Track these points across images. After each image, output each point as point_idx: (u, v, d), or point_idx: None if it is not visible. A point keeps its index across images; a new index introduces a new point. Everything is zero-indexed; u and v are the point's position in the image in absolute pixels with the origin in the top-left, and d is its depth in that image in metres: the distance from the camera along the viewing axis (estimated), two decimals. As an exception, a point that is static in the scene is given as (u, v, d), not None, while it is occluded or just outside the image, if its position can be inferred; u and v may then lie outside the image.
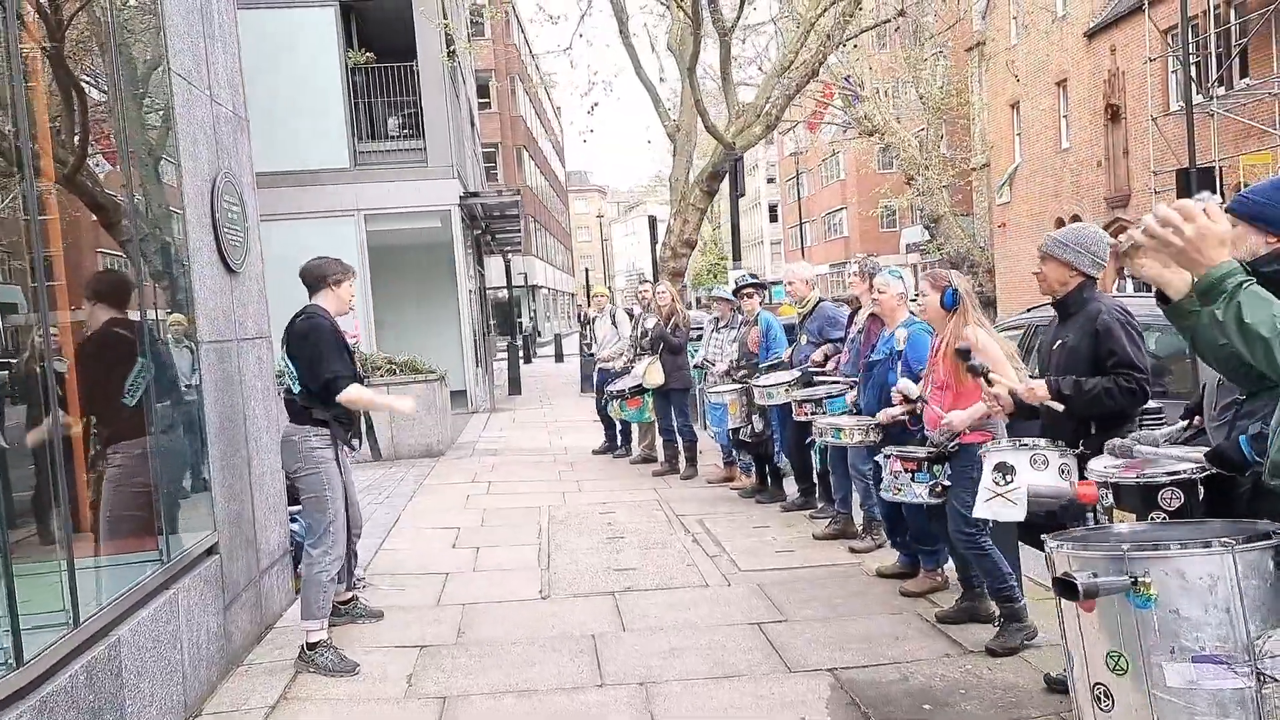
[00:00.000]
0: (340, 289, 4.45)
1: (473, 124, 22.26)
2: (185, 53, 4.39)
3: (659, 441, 9.28)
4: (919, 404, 4.28)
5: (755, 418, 7.10)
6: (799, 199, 37.53)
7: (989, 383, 3.51)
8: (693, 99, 14.27)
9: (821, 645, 4.29)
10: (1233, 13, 18.99)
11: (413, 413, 4.98)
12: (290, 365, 4.31)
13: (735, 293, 7.40)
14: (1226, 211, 2.79)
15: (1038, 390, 3.34)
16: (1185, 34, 15.92)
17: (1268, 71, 18.15)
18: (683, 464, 8.69)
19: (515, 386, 19.12)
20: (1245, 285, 1.80)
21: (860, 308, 5.86)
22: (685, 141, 16.50)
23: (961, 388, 4.03)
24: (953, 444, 4.04)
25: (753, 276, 7.54)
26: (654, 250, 16.66)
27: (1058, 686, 3.61)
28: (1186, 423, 3.12)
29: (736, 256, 12.59)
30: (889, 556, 5.44)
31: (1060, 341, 3.48)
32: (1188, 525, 2.42)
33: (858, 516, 6.04)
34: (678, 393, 8.58)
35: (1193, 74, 17.08)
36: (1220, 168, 17.07)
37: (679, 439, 8.72)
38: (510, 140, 43.69)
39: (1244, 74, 19.15)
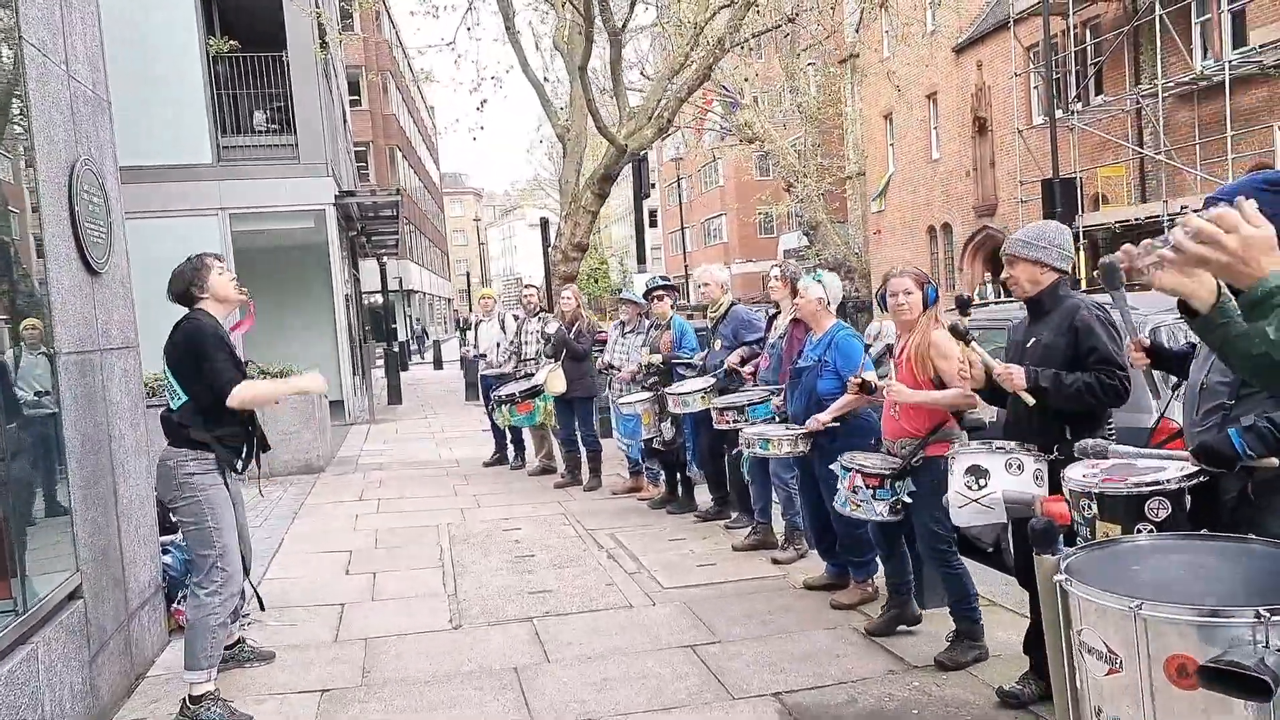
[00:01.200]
0: (212, 287, 3.90)
1: (345, 121, 21.29)
2: (40, 21, 3.80)
3: (558, 451, 8.95)
4: (890, 404, 4.11)
5: (666, 425, 6.88)
6: (680, 204, 37.72)
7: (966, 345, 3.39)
8: (584, 99, 13.98)
9: (761, 667, 4.07)
10: (1088, 33, 20.18)
11: (323, 390, 4.48)
12: (171, 378, 3.77)
13: (646, 295, 7.16)
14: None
15: (1015, 377, 3.20)
16: (1047, 52, 16.75)
17: (1121, 89, 19.36)
18: (586, 475, 8.38)
19: (395, 396, 18.32)
20: None
21: (780, 312, 5.72)
22: (575, 143, 16.22)
23: (921, 387, 3.89)
24: (917, 458, 3.89)
25: (664, 279, 7.32)
26: (546, 254, 16.27)
27: (1010, 701, 3.52)
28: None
29: (641, 260, 12.37)
30: (813, 567, 5.31)
31: (1034, 339, 3.37)
32: (1217, 549, 2.10)
33: (778, 525, 5.88)
34: (582, 401, 8.27)
35: (1054, 90, 18.00)
36: (1080, 179, 18.05)
37: (582, 449, 8.41)
38: (382, 139, 42.31)
39: (1099, 91, 20.38)
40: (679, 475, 7.19)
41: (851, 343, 4.74)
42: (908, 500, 3.91)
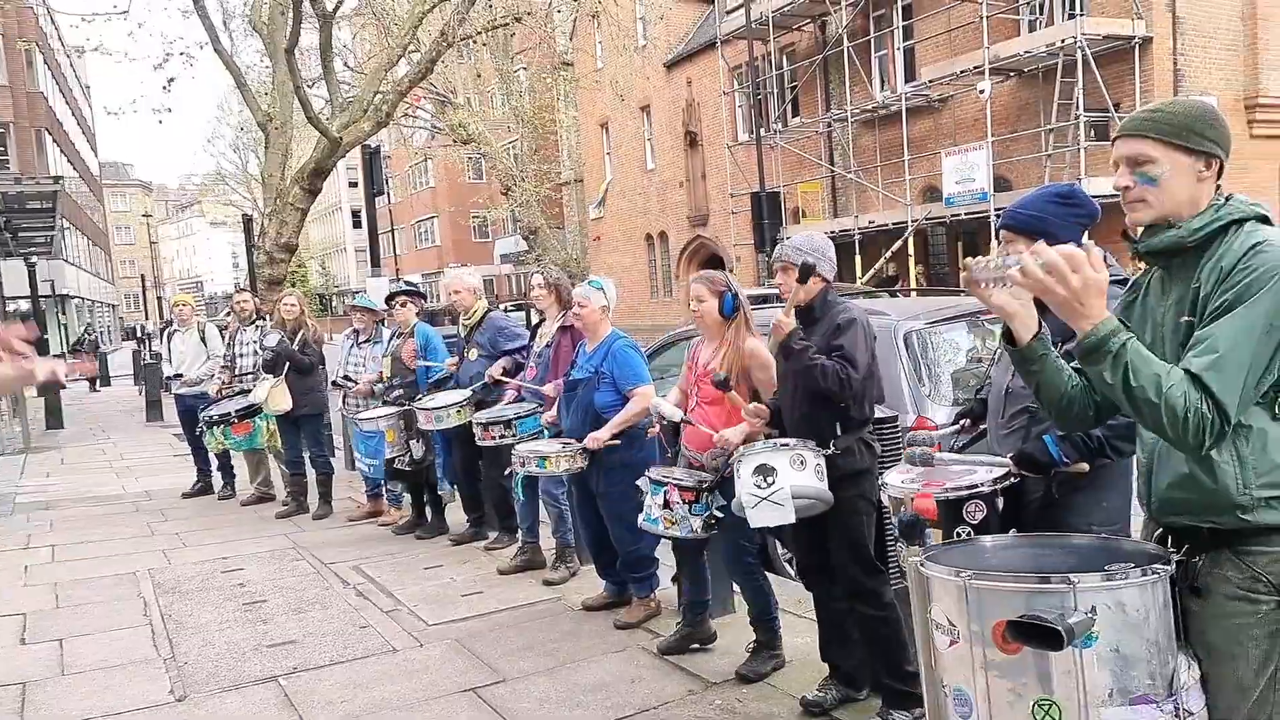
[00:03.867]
0: None
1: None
2: None
3: (278, 476, 8.00)
4: (682, 423, 3.92)
5: (414, 443, 6.32)
6: (388, 205, 36.14)
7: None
8: (292, 85, 12.80)
9: (556, 704, 3.75)
10: (785, 59, 21.90)
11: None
12: None
13: (388, 300, 6.53)
14: (1002, 228, 2.82)
15: (784, 323, 3.22)
16: (751, 74, 17.92)
17: (815, 113, 21.19)
18: (314, 501, 7.54)
19: (55, 419, 15.52)
20: (1128, 343, 1.74)
21: (545, 320, 5.42)
22: (280, 134, 14.80)
23: (735, 405, 3.76)
24: (728, 468, 3.74)
25: (408, 284, 6.72)
26: (249, 255, 14.72)
27: (814, 709, 3.51)
28: (959, 426, 3.14)
29: (375, 263, 11.46)
30: (589, 586, 5.06)
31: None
32: (1042, 543, 2.26)
33: (545, 543, 5.56)
34: (310, 419, 7.43)
35: (758, 109, 19.32)
36: (783, 193, 19.51)
37: (309, 472, 7.56)
38: (27, 120, 36.43)
39: (796, 113, 22.19)
40: (427, 496, 6.65)
41: (629, 353, 4.54)
42: (719, 514, 3.77)
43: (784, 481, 3.15)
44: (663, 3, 20.88)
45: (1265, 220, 1.87)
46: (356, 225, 60.71)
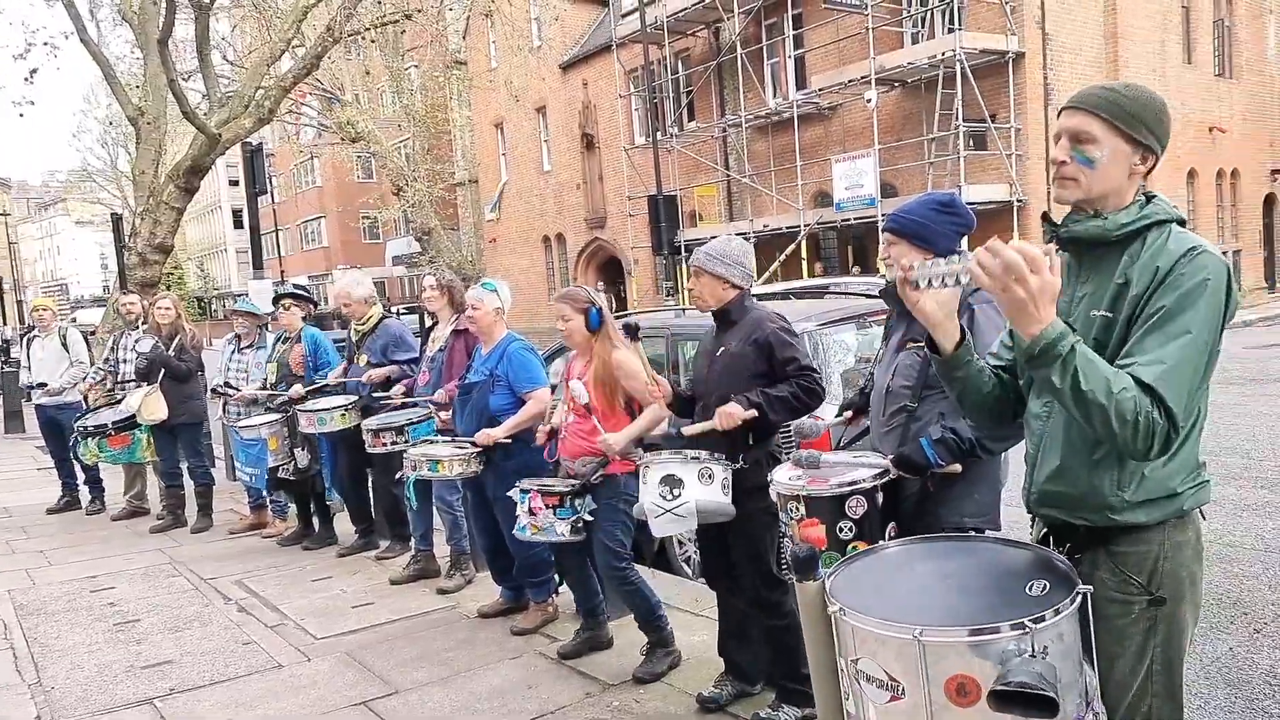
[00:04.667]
0: None
1: None
2: None
3: (154, 489, 7.59)
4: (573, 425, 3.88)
5: (299, 450, 6.09)
6: (272, 205, 34.82)
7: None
8: (165, 79, 12.18)
9: (451, 714, 3.67)
10: (680, 64, 22.11)
11: None
12: None
13: (275, 303, 6.27)
14: (886, 230, 2.91)
15: (735, 414, 3.19)
16: (647, 78, 18.03)
17: (710, 118, 21.47)
18: (193, 514, 7.18)
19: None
20: (1076, 346, 1.68)
21: (438, 323, 5.30)
22: (153, 129, 14.05)
23: (612, 412, 3.74)
24: (598, 475, 3.72)
25: (296, 286, 6.47)
26: (120, 256, 13.96)
27: (710, 705, 3.54)
28: (844, 418, 3.21)
29: (258, 264, 10.96)
30: (485, 593, 4.98)
31: (723, 349, 3.41)
32: (946, 549, 2.13)
33: (439, 551, 5.44)
34: (187, 428, 7.07)
35: (654, 112, 19.45)
36: (679, 196, 19.69)
37: (187, 483, 7.21)
38: None
39: (692, 118, 22.42)
40: (313, 505, 6.42)
41: (525, 355, 4.48)
42: (589, 518, 3.75)
43: (689, 495, 3.15)
44: (557, 4, 20.78)
45: (1181, 224, 1.87)
46: (238, 225, 58.34)
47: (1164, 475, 1.82)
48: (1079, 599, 1.73)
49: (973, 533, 2.61)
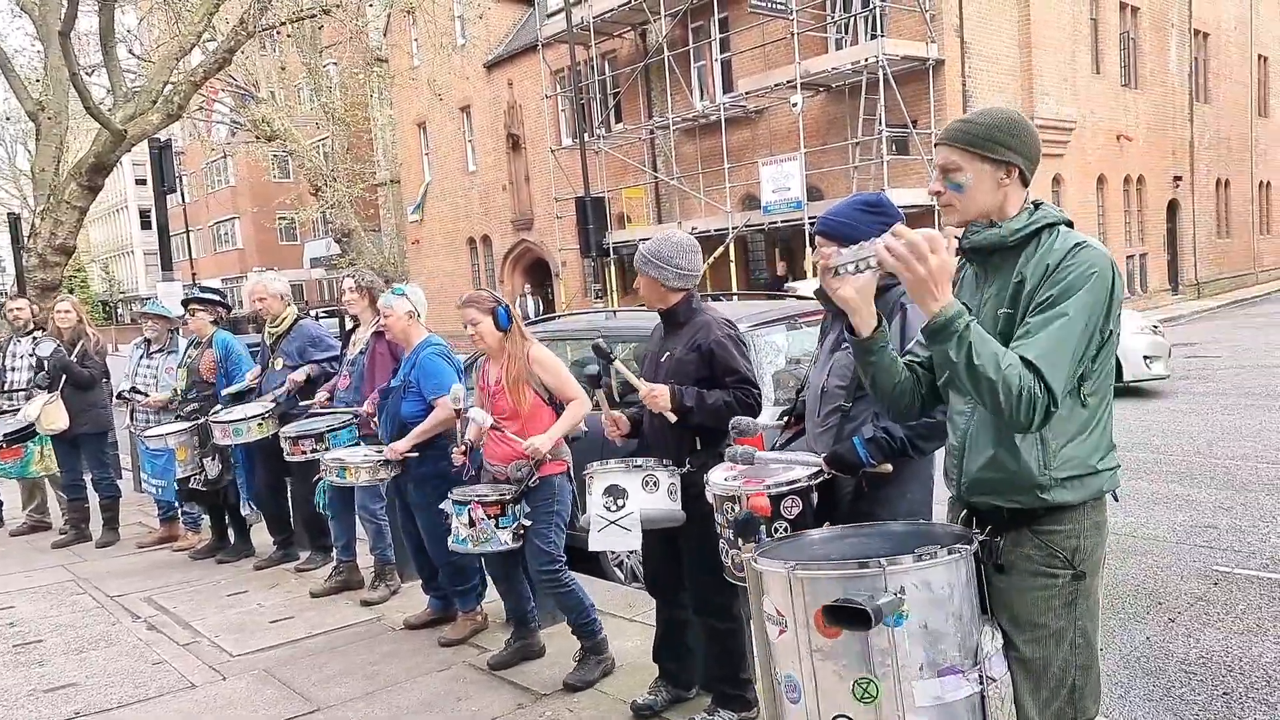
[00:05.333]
0: None
1: None
2: None
3: (55, 502, 7.20)
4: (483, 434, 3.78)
5: (209, 460, 5.83)
6: (182, 205, 33.49)
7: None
8: (67, 72, 11.62)
9: (377, 732, 3.52)
10: (607, 65, 22.05)
11: None
12: None
13: (185, 305, 6.00)
14: (816, 234, 2.91)
15: (660, 398, 3.14)
16: (573, 79, 17.92)
17: (638, 120, 21.46)
18: (98, 528, 6.82)
19: None
20: (971, 325, 1.85)
21: (359, 325, 5.13)
22: (54, 125, 13.41)
23: (532, 415, 3.66)
24: (533, 479, 3.63)
25: (209, 289, 6.20)
26: (17, 257, 13.26)
27: (645, 712, 3.49)
28: (784, 423, 3.20)
29: (167, 266, 10.48)
30: (411, 604, 4.83)
31: (668, 353, 3.35)
32: (864, 533, 2.35)
33: (363, 562, 5.27)
34: (91, 438, 6.72)
35: (582, 114, 19.35)
36: (608, 197, 19.62)
37: (92, 496, 6.85)
38: None
39: (620, 119, 22.38)
40: (228, 517, 6.15)
41: (437, 362, 4.36)
42: (526, 523, 3.66)
43: (634, 505, 3.10)
44: (481, 2, 20.49)
45: (1070, 225, 2.05)
46: (145, 226, 56.17)
47: (1084, 453, 1.98)
48: (954, 555, 1.92)
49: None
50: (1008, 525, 2.02)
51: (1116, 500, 2.09)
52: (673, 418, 3.15)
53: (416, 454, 4.25)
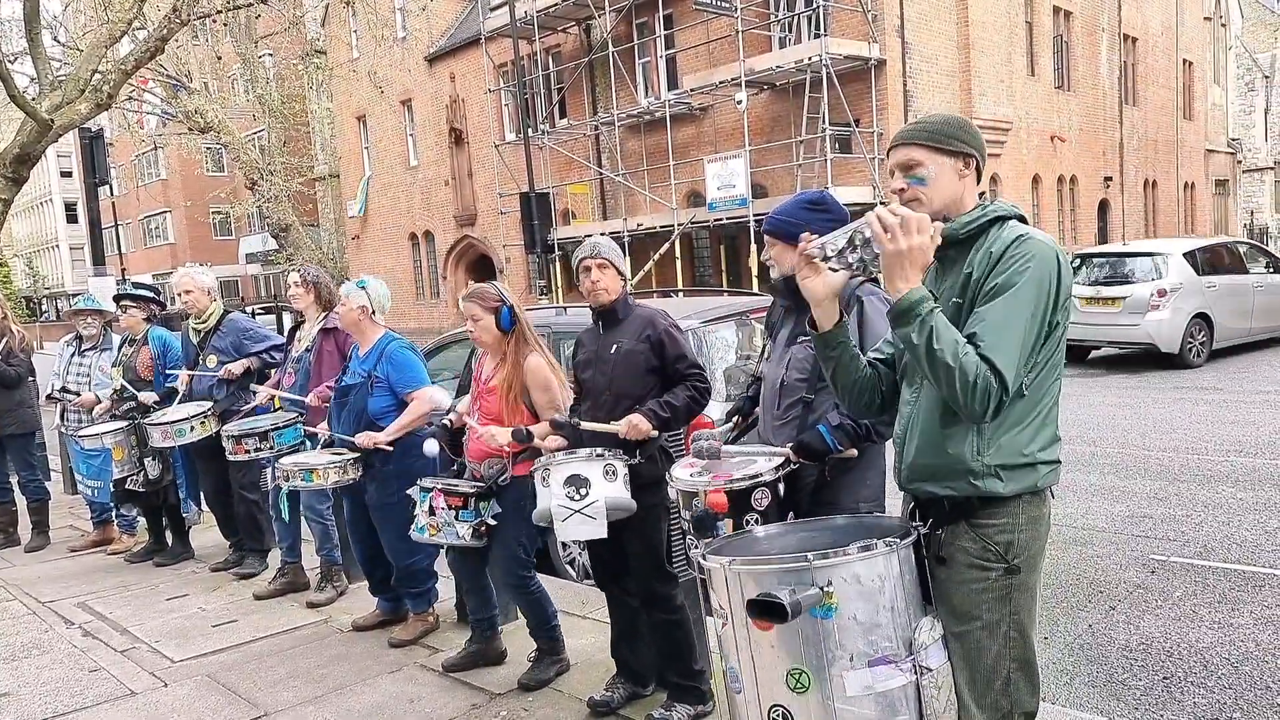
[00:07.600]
0: None
1: None
2: None
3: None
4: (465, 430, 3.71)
5: (151, 460, 5.64)
6: (111, 198, 32.37)
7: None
8: (-12, 58, 11.13)
9: (327, 737, 3.44)
10: (551, 60, 21.90)
11: None
12: None
13: (118, 302, 5.79)
14: (765, 233, 2.93)
15: (641, 425, 3.15)
16: (517, 73, 17.76)
17: (582, 115, 21.35)
18: (27, 532, 6.57)
19: None
20: (935, 310, 1.90)
21: (304, 322, 5.01)
22: (-27, 112, 12.86)
23: (516, 417, 3.60)
24: (505, 477, 3.58)
25: (141, 285, 5.98)
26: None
27: (602, 709, 3.47)
28: (732, 422, 3.21)
29: (99, 260, 10.11)
30: (359, 606, 4.73)
31: (615, 346, 3.34)
32: (811, 528, 2.41)
33: (308, 563, 5.15)
34: (18, 439, 6.45)
35: (526, 109, 19.19)
36: (553, 193, 19.50)
37: (19, 500, 6.58)
38: None
39: (564, 115, 22.24)
40: (166, 519, 5.96)
41: (405, 354, 4.27)
42: (492, 523, 3.60)
43: (598, 493, 3.08)
44: (423, -7, 20.19)
45: (1022, 219, 2.10)
46: (71, 220, 54.21)
47: (1021, 442, 2.01)
48: (883, 550, 1.99)
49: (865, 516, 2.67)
50: (948, 518, 2.06)
51: (1053, 496, 2.13)
52: (653, 432, 3.17)
53: (391, 448, 4.13)
